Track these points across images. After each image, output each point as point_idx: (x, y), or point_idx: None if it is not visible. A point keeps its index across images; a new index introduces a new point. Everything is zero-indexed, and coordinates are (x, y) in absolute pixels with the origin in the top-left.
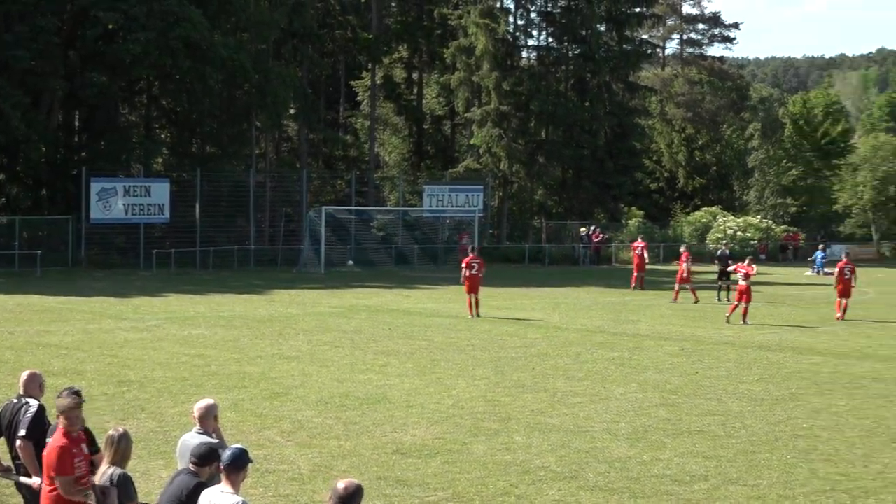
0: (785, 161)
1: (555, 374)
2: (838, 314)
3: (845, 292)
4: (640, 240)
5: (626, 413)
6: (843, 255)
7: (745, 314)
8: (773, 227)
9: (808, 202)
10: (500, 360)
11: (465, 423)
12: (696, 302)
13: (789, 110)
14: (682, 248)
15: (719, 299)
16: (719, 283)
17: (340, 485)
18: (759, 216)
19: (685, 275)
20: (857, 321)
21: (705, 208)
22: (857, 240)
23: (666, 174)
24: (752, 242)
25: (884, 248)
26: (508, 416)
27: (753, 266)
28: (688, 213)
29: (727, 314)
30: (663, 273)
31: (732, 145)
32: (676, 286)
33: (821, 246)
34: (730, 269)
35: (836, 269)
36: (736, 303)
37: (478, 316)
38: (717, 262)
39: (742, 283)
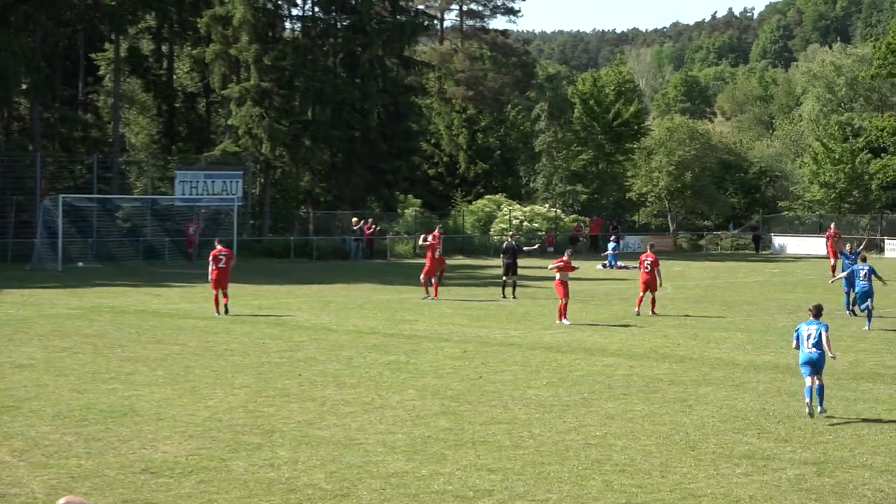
0: (574, 145)
1: (324, 381)
2: (637, 308)
3: (650, 286)
4: (648, 250)
5: (403, 423)
6: (648, 247)
7: (563, 310)
8: (563, 216)
9: (600, 189)
10: (263, 366)
11: (224, 436)
12: (427, 298)
13: (578, 89)
14: (435, 232)
15: (504, 296)
16: (504, 278)
17: (60, 502)
18: (547, 205)
19: (431, 265)
20: (654, 319)
21: (489, 196)
22: (652, 230)
23: (445, 159)
24: (539, 233)
25: (681, 240)
26: (272, 428)
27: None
28: (470, 202)
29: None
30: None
31: (518, 127)
32: (422, 278)
33: (612, 237)
34: (551, 266)
35: (639, 262)
36: (562, 299)
37: (225, 314)
38: (502, 255)
39: (559, 277)
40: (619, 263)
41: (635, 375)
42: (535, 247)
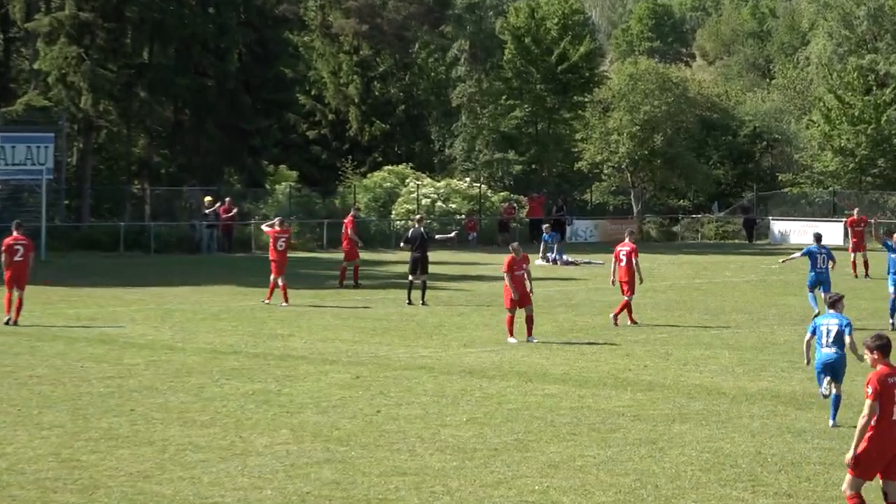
0: (505, 98)
1: (165, 419)
2: (614, 316)
3: (630, 288)
4: (627, 239)
5: (274, 475)
6: (626, 235)
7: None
8: (490, 194)
9: (540, 157)
10: (82, 399)
11: (28, 495)
12: (268, 302)
13: (510, 22)
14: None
15: (410, 302)
16: (411, 277)
17: None
18: (468, 178)
19: (280, 262)
20: (614, 332)
21: (389, 167)
22: (609, 212)
23: (331, 116)
24: (458, 217)
25: (648, 225)
26: (94, 482)
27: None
28: (364, 175)
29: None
30: (329, 263)
31: (428, 74)
32: (272, 278)
33: (545, 226)
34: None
35: (614, 256)
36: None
37: (14, 324)
38: (405, 244)
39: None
40: (565, 258)
41: (587, 409)
42: (451, 235)
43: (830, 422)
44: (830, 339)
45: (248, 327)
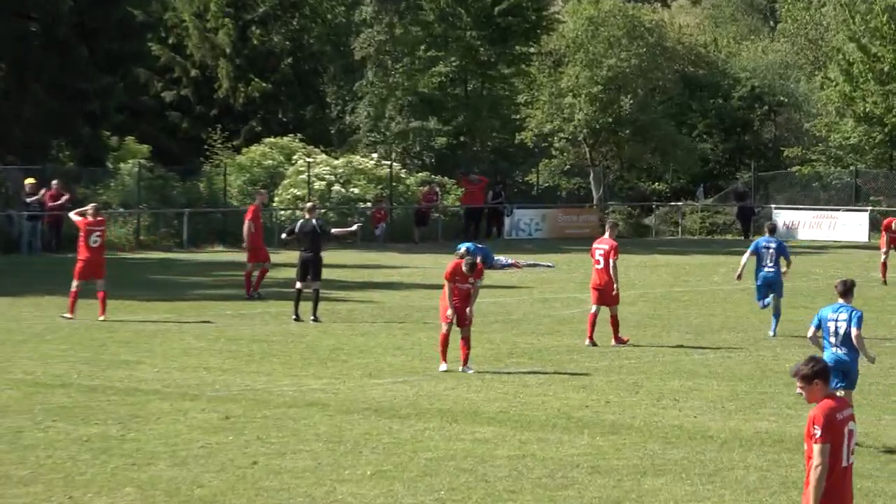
0: (425, 48)
1: None
2: (589, 336)
3: (604, 294)
4: (607, 233)
5: None
6: (608, 230)
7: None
8: (404, 176)
9: (470, 127)
10: None
11: None
12: (70, 317)
13: None
14: (86, 211)
15: (297, 316)
16: (299, 285)
17: None
18: (375, 155)
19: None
20: (570, 357)
21: (271, 140)
22: (563, 199)
23: (194, 73)
24: (362, 206)
25: (614, 215)
26: None
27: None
28: (237, 150)
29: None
30: (188, 266)
31: (324, 17)
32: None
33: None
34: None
35: (591, 254)
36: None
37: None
38: (287, 236)
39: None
40: (503, 259)
41: (531, 458)
42: (353, 229)
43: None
44: (840, 339)
45: (83, 352)
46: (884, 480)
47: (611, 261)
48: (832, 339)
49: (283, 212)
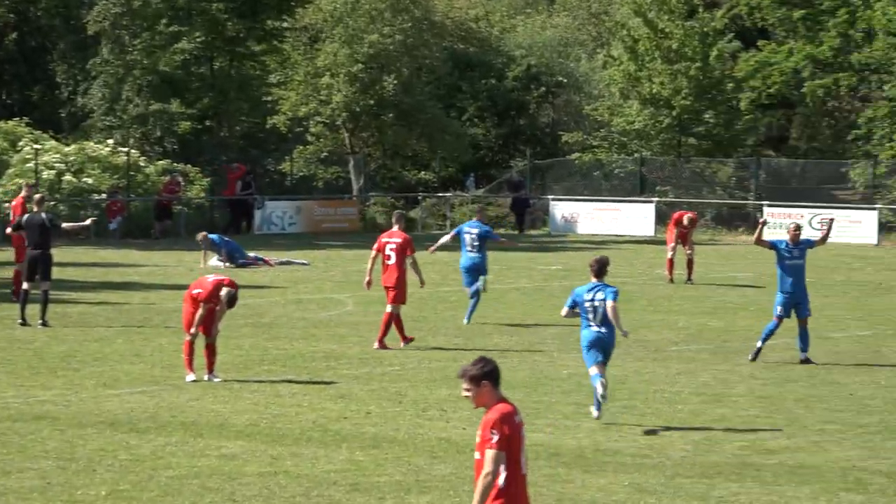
0: (166, 22)
1: None
2: (380, 337)
3: (399, 295)
4: (395, 226)
5: None
6: (397, 220)
7: None
8: (144, 164)
9: (216, 109)
10: None
11: None
12: None
13: None
14: None
15: (24, 320)
16: (25, 286)
17: None
18: (111, 141)
19: None
20: (327, 364)
21: None
22: (320, 190)
23: None
24: (97, 197)
25: (373, 208)
26: None
27: None
28: None
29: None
30: None
31: None
32: None
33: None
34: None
35: (376, 250)
36: None
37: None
38: (17, 233)
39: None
40: (254, 255)
41: (284, 475)
42: (87, 223)
43: (595, 412)
44: (599, 318)
45: None
46: (668, 497)
47: (408, 257)
48: (591, 318)
49: (6, 204)
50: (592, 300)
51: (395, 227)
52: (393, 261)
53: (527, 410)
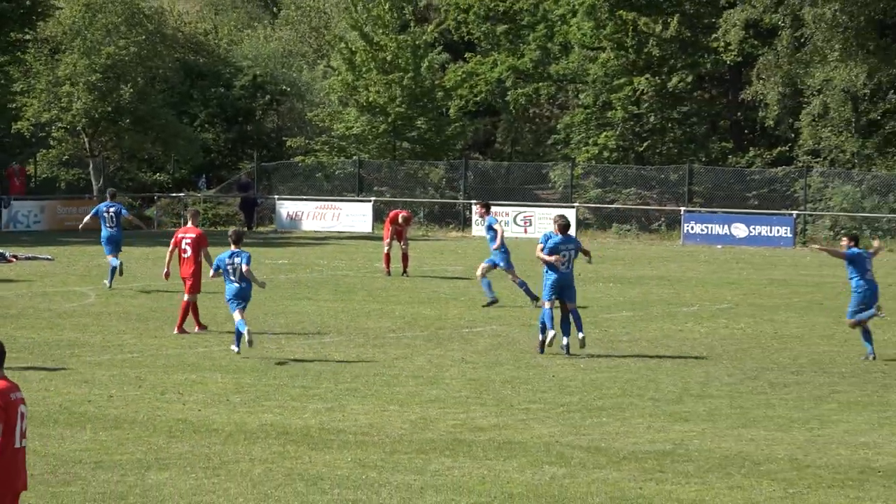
0: None
1: None
2: (179, 323)
3: (196, 285)
4: (189, 222)
5: None
6: (191, 217)
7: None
8: None
9: None
10: None
11: None
12: None
13: None
14: None
15: None
16: None
17: None
18: None
19: None
20: (70, 352)
21: None
22: (62, 191)
23: None
24: None
25: (155, 215)
26: None
27: None
28: None
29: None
30: None
31: None
32: None
33: None
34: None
35: (173, 244)
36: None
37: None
38: None
39: None
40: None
41: (32, 454)
42: None
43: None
44: (238, 276)
45: None
46: (388, 471)
47: (202, 250)
48: (232, 277)
49: None
50: (232, 263)
51: (190, 224)
52: (189, 254)
53: (257, 393)
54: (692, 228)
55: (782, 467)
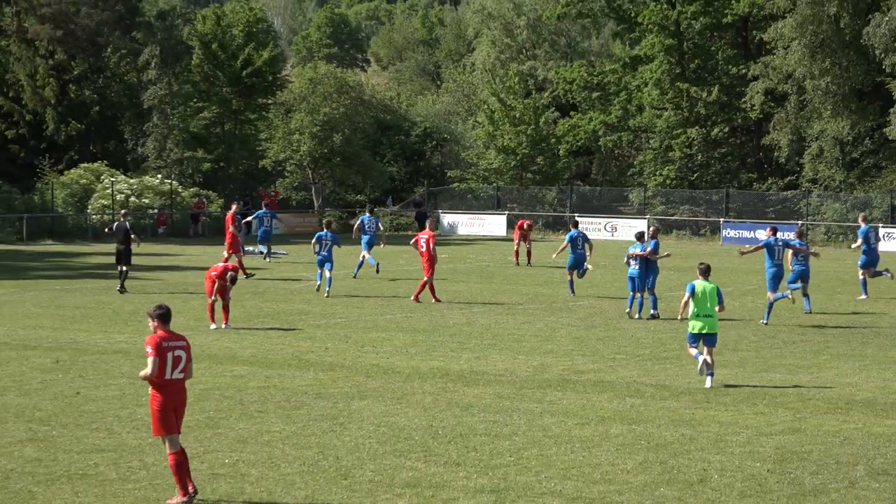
0: (194, 100)
1: None
2: (416, 294)
3: (430, 268)
4: (427, 227)
5: None
6: (428, 223)
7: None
8: (181, 190)
9: (226, 156)
10: None
11: None
12: None
13: (198, 30)
14: None
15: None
16: (120, 266)
17: None
18: (159, 175)
19: None
20: (298, 317)
21: (85, 165)
22: (293, 207)
23: (28, 117)
24: (151, 211)
25: (329, 218)
26: None
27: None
28: (61, 172)
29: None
30: (29, 254)
31: (121, 77)
32: None
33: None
34: (259, 250)
35: (415, 242)
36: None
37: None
38: (110, 233)
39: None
40: (249, 248)
41: (273, 388)
42: (137, 242)
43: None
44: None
45: None
46: (518, 400)
47: (431, 244)
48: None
49: (94, 216)
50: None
51: (427, 228)
52: (424, 248)
53: (427, 347)
54: (728, 234)
55: (792, 399)
